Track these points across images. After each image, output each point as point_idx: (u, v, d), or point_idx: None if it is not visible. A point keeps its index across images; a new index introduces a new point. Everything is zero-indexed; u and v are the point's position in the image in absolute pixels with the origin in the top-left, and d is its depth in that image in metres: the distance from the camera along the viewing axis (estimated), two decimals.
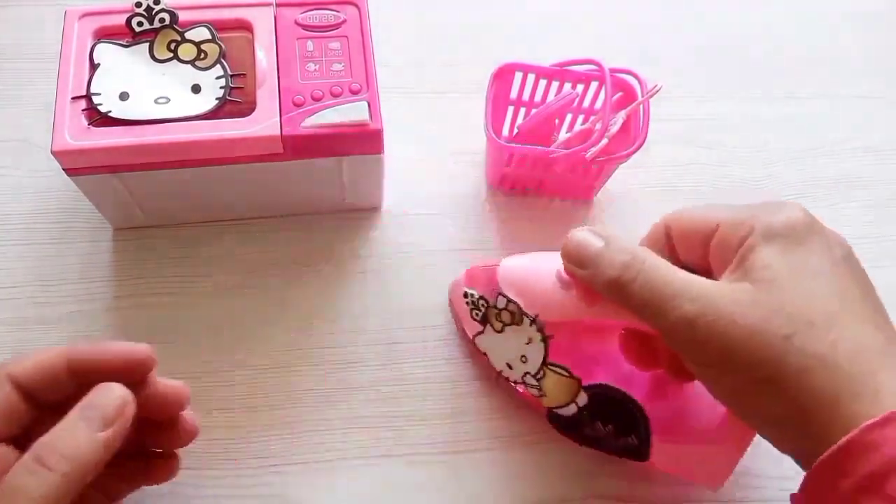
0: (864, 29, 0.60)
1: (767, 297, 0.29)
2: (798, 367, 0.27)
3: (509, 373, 0.40)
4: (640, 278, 0.31)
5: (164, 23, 0.40)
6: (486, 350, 0.41)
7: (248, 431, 0.41)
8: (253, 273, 0.45)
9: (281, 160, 0.40)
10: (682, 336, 0.30)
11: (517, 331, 0.38)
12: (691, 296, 0.29)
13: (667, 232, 0.35)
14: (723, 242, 0.32)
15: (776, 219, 0.31)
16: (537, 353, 0.38)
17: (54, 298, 0.44)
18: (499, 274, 0.39)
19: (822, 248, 0.30)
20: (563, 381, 0.38)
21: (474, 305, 0.40)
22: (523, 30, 0.57)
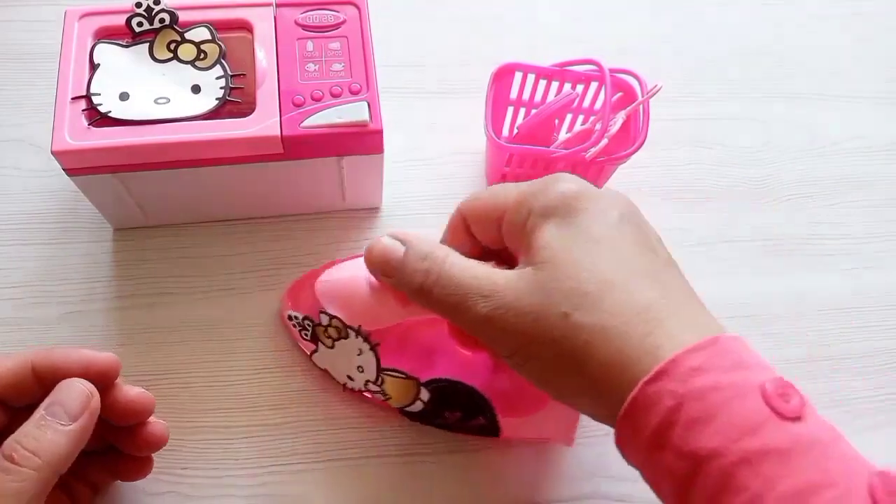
0: (864, 29, 0.60)
1: (547, 278, 0.29)
2: (580, 342, 0.28)
3: (352, 384, 0.40)
4: (440, 282, 0.31)
5: (164, 23, 0.40)
6: (326, 366, 0.41)
7: (247, 431, 0.41)
8: (253, 273, 0.45)
9: (281, 160, 0.40)
10: (483, 332, 0.30)
11: (346, 344, 0.38)
12: (483, 293, 0.30)
13: (463, 221, 0.35)
14: (510, 228, 0.32)
15: (549, 195, 0.31)
16: (370, 362, 0.38)
17: (54, 298, 0.44)
18: (317, 291, 0.39)
19: (595, 215, 0.30)
20: (402, 384, 0.38)
21: (301, 326, 0.40)
22: (523, 30, 0.57)
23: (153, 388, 0.41)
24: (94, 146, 0.38)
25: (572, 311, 0.28)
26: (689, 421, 0.26)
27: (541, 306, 0.28)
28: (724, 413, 0.25)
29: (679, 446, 0.26)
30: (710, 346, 0.27)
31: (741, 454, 0.25)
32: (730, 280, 0.48)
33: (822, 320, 0.47)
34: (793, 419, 0.25)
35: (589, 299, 0.28)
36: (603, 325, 0.28)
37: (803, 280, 0.48)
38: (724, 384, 0.26)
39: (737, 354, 0.27)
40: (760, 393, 0.26)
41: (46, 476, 0.29)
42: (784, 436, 0.25)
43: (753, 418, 0.25)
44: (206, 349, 0.43)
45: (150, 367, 0.42)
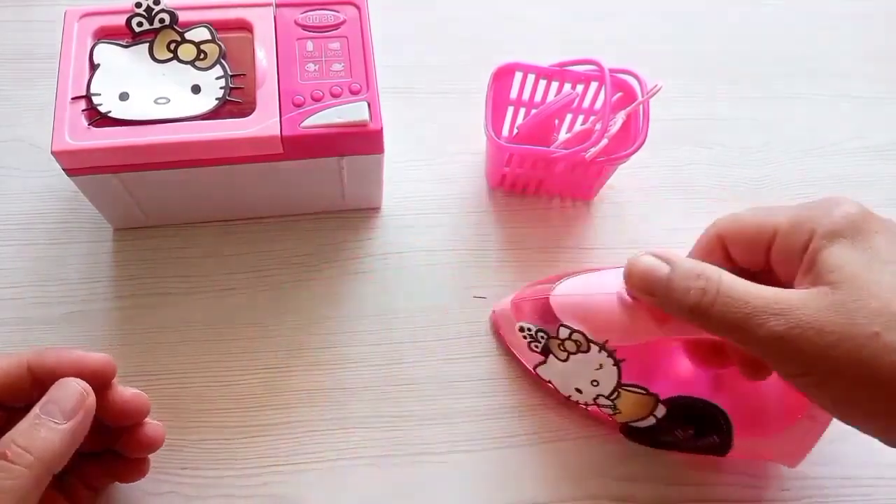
0: (864, 29, 0.60)
1: (847, 298, 0.28)
2: (892, 362, 0.27)
3: (578, 396, 0.40)
4: (719, 301, 0.30)
5: (164, 23, 0.40)
6: (551, 379, 0.40)
7: (247, 431, 0.41)
8: (253, 273, 0.45)
9: (281, 160, 0.40)
10: (773, 352, 0.29)
11: (584, 358, 0.37)
12: (774, 310, 0.29)
13: (720, 241, 0.34)
14: (785, 248, 0.31)
15: (834, 217, 0.30)
16: (610, 377, 0.37)
17: (54, 298, 0.44)
18: (554, 304, 0.38)
19: (886, 238, 0.30)
20: (640, 400, 0.38)
21: (532, 338, 0.39)
22: (523, 30, 0.57)
23: (153, 388, 0.41)
24: (94, 146, 0.38)
25: (883, 330, 0.27)
26: None
27: (846, 326, 0.28)
28: None
29: None
30: None
31: None
32: None
33: None
34: None
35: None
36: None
37: None
38: None
39: None
40: None
41: (39, 473, 0.29)
42: None
43: None
44: (206, 349, 0.43)
45: (150, 367, 0.42)
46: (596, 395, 0.39)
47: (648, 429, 0.39)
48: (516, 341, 0.41)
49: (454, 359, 0.44)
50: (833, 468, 0.41)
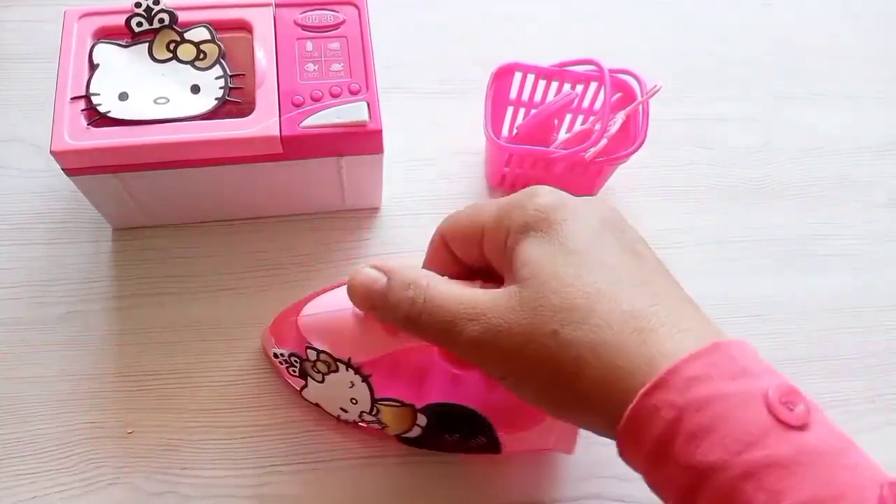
0: (864, 29, 0.60)
1: (531, 295, 0.28)
2: (573, 357, 0.27)
3: (346, 416, 0.39)
4: (427, 310, 0.30)
5: (164, 23, 0.40)
6: (318, 401, 0.40)
7: (247, 431, 0.41)
8: (253, 273, 0.45)
9: (280, 160, 0.40)
10: (473, 356, 0.29)
11: (337, 378, 0.37)
12: (470, 316, 0.29)
13: (444, 241, 0.34)
14: (492, 247, 0.31)
15: (525, 211, 0.30)
16: (364, 394, 0.37)
17: (54, 298, 0.44)
18: (301, 326, 0.37)
19: (574, 225, 0.30)
20: (398, 412, 0.37)
21: (288, 363, 0.38)
22: (523, 30, 0.57)
23: (153, 388, 0.41)
24: (93, 146, 0.38)
25: (561, 327, 0.27)
26: (689, 433, 0.25)
27: (529, 325, 0.28)
28: (725, 424, 0.25)
29: (680, 459, 0.25)
30: (710, 353, 0.26)
31: (744, 467, 0.24)
32: (729, 280, 0.48)
33: (822, 320, 0.47)
34: (798, 428, 0.24)
35: (577, 314, 0.27)
36: (593, 338, 0.27)
37: (803, 280, 0.48)
38: (724, 393, 0.25)
39: (739, 360, 0.26)
40: (763, 401, 0.25)
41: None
42: (789, 446, 0.24)
43: (755, 428, 0.24)
44: (206, 349, 0.43)
45: (149, 367, 0.42)
46: (360, 413, 0.38)
47: (420, 438, 0.39)
48: (278, 367, 0.40)
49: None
50: None
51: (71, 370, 0.42)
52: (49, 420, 0.40)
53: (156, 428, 0.40)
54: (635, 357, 0.26)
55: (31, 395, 0.41)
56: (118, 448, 0.40)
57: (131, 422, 0.40)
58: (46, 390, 0.41)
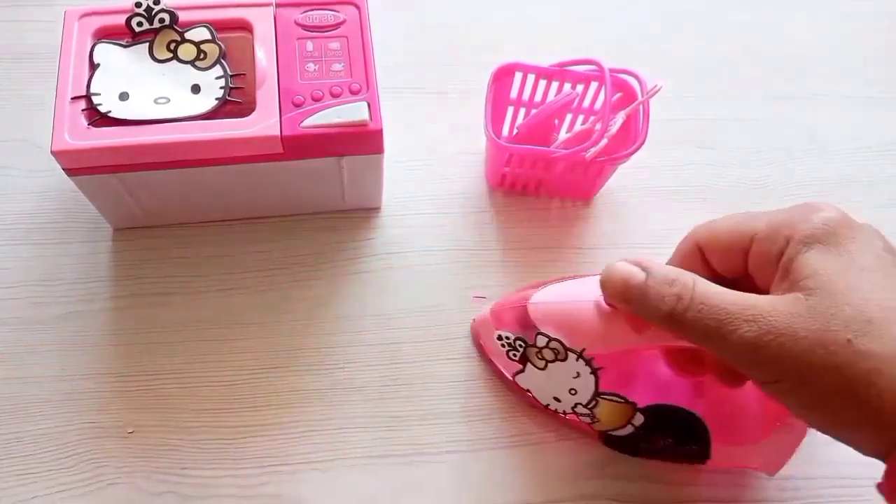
0: (864, 29, 0.60)
1: (821, 304, 0.28)
2: (865, 369, 0.27)
3: (557, 405, 0.39)
4: (693, 307, 0.30)
5: (164, 23, 0.40)
6: (530, 387, 0.40)
7: (247, 431, 0.41)
8: (253, 273, 0.45)
9: (281, 160, 0.40)
10: (746, 358, 0.29)
11: (562, 366, 0.37)
12: (747, 317, 0.29)
13: (699, 247, 0.34)
14: (762, 255, 0.31)
15: (812, 223, 0.30)
16: (587, 386, 0.37)
17: (54, 298, 0.44)
18: (532, 312, 0.38)
19: (863, 244, 0.30)
20: (618, 408, 0.38)
21: (511, 347, 0.39)
22: (523, 30, 0.57)
23: (153, 388, 0.41)
24: (93, 146, 0.38)
25: (856, 337, 0.27)
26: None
27: (818, 332, 0.27)
28: None
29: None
30: None
31: None
32: None
33: None
34: None
35: (874, 326, 0.27)
36: (890, 353, 0.27)
37: None
38: None
39: None
40: None
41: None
42: None
43: None
44: (205, 349, 0.43)
45: (149, 367, 0.42)
46: (574, 404, 0.39)
47: (627, 437, 0.39)
48: (495, 350, 0.41)
49: (454, 359, 0.44)
50: (826, 468, 0.41)
51: (71, 370, 0.42)
52: (49, 420, 0.40)
53: (156, 428, 0.40)
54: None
55: (31, 395, 0.41)
56: (118, 448, 0.40)
57: (131, 422, 0.40)
58: (46, 390, 0.41)
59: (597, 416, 0.38)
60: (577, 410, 0.39)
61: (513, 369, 0.40)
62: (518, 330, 0.39)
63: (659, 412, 0.38)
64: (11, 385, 0.41)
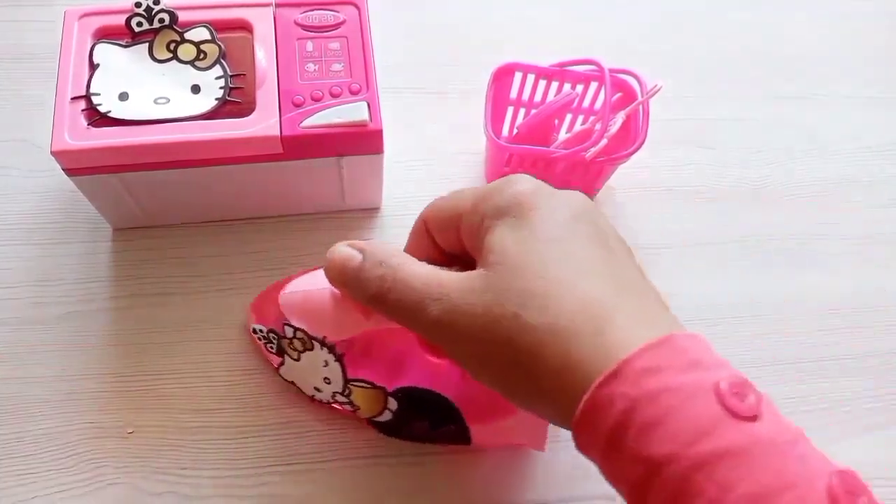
0: (864, 29, 0.60)
1: (496, 279, 0.28)
2: (531, 342, 0.27)
3: (320, 395, 0.39)
4: (395, 288, 0.30)
5: (164, 23, 0.40)
6: (293, 379, 0.40)
7: (247, 431, 0.41)
8: (253, 273, 0.45)
9: (280, 160, 0.40)
10: (436, 336, 0.30)
11: (312, 356, 0.37)
12: (434, 296, 0.29)
13: (425, 226, 0.34)
14: (468, 232, 0.31)
15: (502, 197, 0.30)
16: (337, 373, 0.37)
17: (54, 298, 0.44)
18: (282, 303, 0.37)
19: (547, 214, 0.30)
20: (369, 394, 0.37)
21: (267, 339, 0.39)
22: (523, 30, 0.57)
23: (153, 388, 0.41)
24: (93, 146, 0.38)
25: (521, 311, 0.27)
26: (642, 425, 0.25)
27: (491, 307, 0.28)
28: (677, 416, 0.25)
29: (634, 451, 0.25)
30: (663, 345, 0.26)
31: (695, 458, 0.24)
32: (729, 280, 0.48)
33: (822, 320, 0.47)
34: (749, 419, 0.24)
35: (538, 299, 0.27)
36: (552, 324, 0.27)
37: (803, 280, 0.48)
38: (676, 385, 0.25)
39: (692, 353, 0.26)
40: (714, 393, 0.25)
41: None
42: (739, 436, 0.24)
43: (707, 420, 0.24)
44: (206, 349, 0.43)
45: (149, 367, 0.42)
46: (333, 393, 0.38)
47: (390, 423, 0.38)
48: (257, 343, 0.40)
49: None
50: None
51: (71, 370, 0.42)
52: (49, 420, 0.40)
53: (156, 428, 0.40)
54: (591, 346, 0.26)
55: (31, 395, 0.41)
56: (118, 448, 0.40)
57: (131, 422, 0.40)
58: (46, 390, 0.41)
59: (356, 403, 0.38)
60: (337, 399, 0.38)
61: (276, 362, 0.40)
62: (272, 322, 0.38)
63: (409, 396, 0.37)
64: (11, 385, 0.41)
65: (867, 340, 0.46)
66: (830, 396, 0.44)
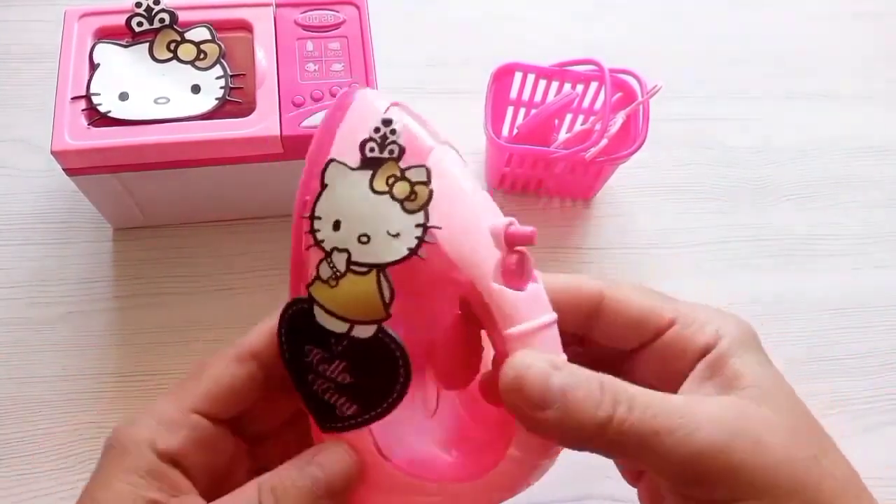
0: (864, 29, 0.60)
1: (783, 418, 0.26)
2: (831, 489, 0.25)
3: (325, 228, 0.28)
4: (633, 417, 0.25)
5: (164, 23, 0.40)
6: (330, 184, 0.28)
7: None
8: (253, 273, 0.45)
9: (281, 160, 0.40)
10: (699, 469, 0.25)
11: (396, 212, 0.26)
12: (698, 423, 0.25)
13: (597, 301, 0.30)
14: (679, 342, 0.29)
15: (743, 326, 0.29)
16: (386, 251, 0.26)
17: (54, 298, 0.44)
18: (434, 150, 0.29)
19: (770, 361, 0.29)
20: (372, 300, 0.26)
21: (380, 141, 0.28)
22: (523, 30, 0.57)
23: (153, 388, 0.41)
24: (93, 146, 0.38)
25: (822, 455, 0.25)
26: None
27: (789, 444, 0.25)
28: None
29: None
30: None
31: None
32: (729, 280, 0.48)
33: (822, 320, 0.47)
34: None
35: (831, 445, 0.26)
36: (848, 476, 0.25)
37: (803, 280, 0.48)
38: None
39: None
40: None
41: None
42: None
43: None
44: (205, 349, 0.43)
45: (149, 366, 0.42)
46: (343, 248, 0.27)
47: (324, 331, 0.27)
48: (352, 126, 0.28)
49: None
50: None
51: (71, 370, 0.42)
52: (49, 420, 0.40)
53: None
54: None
55: (31, 395, 0.41)
56: None
57: None
58: (46, 390, 0.41)
59: (339, 283, 0.27)
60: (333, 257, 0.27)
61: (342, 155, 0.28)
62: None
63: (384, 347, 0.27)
64: (12, 385, 0.41)
65: (867, 340, 0.46)
66: (829, 396, 0.44)
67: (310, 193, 0.29)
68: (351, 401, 0.27)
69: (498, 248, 0.27)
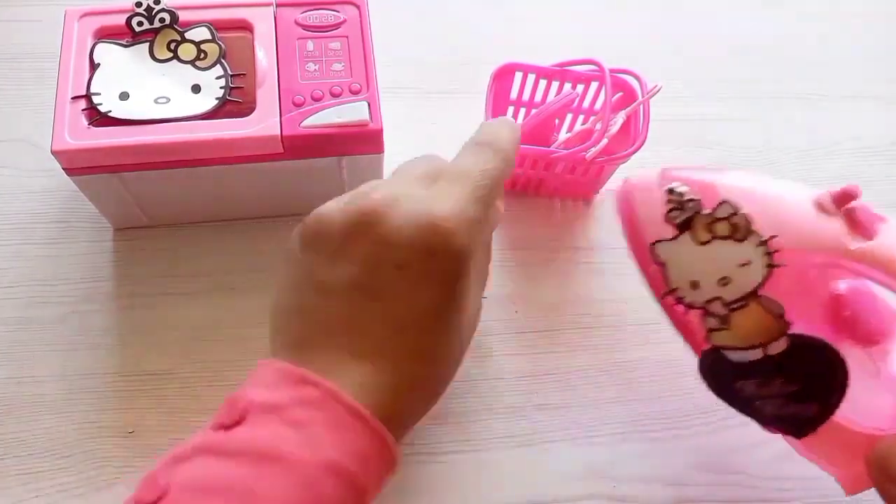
0: (864, 29, 0.60)
1: None
2: None
3: (688, 293, 0.32)
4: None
5: (164, 23, 0.41)
6: (667, 260, 0.32)
7: None
8: (253, 273, 0.45)
9: (281, 160, 0.40)
10: None
11: (731, 248, 0.31)
12: None
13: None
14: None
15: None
16: (748, 280, 0.31)
17: (54, 298, 0.44)
18: (721, 187, 0.32)
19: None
20: (766, 321, 0.31)
21: (678, 205, 0.32)
22: (523, 30, 0.57)
23: (153, 388, 0.41)
24: (94, 146, 0.38)
25: None
26: None
27: None
28: None
29: None
30: None
31: None
32: None
33: None
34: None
35: None
36: None
37: None
38: None
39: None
40: None
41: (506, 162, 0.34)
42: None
43: None
44: (206, 349, 0.43)
45: (149, 366, 0.42)
46: (712, 298, 0.31)
47: (744, 366, 0.31)
48: (648, 211, 0.33)
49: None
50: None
51: (71, 370, 0.42)
52: (49, 420, 0.40)
53: (156, 428, 0.40)
54: None
55: (31, 395, 0.41)
56: (119, 448, 0.40)
57: (131, 422, 0.40)
58: (46, 390, 0.41)
59: (731, 323, 0.31)
60: (709, 307, 0.32)
61: (659, 235, 0.33)
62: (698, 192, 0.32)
63: (805, 346, 0.31)
64: (11, 385, 0.41)
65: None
66: None
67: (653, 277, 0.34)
68: (806, 401, 0.32)
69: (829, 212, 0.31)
